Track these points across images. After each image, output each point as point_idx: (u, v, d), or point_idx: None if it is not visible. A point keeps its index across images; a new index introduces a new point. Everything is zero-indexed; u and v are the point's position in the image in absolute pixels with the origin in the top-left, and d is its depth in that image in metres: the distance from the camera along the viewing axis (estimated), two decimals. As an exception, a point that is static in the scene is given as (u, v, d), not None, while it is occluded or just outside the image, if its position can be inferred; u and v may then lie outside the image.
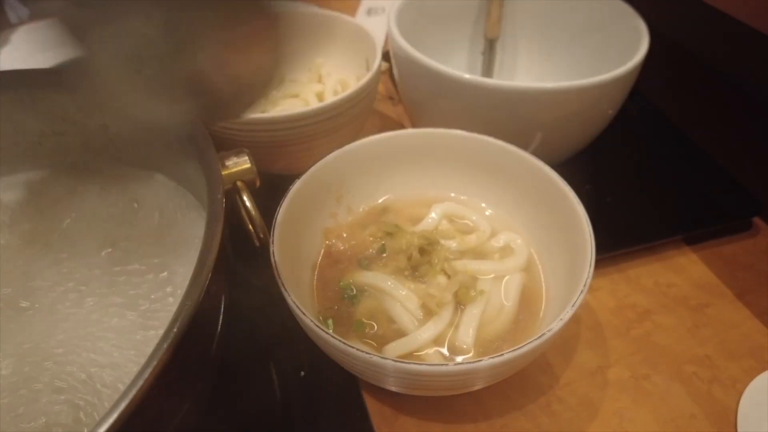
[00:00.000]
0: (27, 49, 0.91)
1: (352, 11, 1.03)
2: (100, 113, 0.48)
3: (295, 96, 0.65)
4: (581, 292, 0.35)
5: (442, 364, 0.32)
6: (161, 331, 0.29)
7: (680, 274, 0.56)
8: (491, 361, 0.32)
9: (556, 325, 0.33)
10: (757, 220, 0.61)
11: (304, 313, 0.35)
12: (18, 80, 0.47)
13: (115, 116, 0.48)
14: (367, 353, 0.33)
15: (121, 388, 0.30)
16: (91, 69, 0.30)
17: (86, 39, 0.29)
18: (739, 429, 0.43)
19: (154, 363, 0.28)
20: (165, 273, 0.44)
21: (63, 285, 0.43)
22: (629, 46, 0.58)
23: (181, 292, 0.41)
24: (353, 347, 0.33)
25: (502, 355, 0.32)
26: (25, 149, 0.50)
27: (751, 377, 0.46)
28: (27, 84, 0.47)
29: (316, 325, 0.34)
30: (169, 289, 0.43)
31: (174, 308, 0.36)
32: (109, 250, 0.46)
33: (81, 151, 0.51)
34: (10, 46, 0.78)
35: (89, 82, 0.32)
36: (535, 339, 0.33)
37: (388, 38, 0.63)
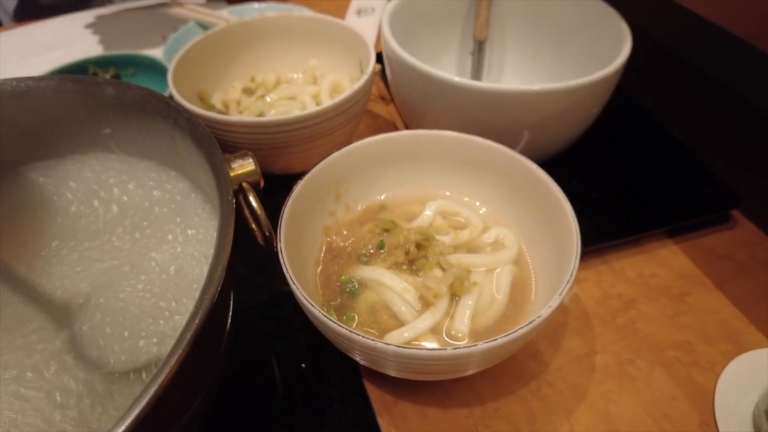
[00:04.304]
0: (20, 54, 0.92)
1: (342, 11, 1.05)
2: (105, 117, 0.50)
3: (292, 98, 0.67)
4: (568, 281, 0.38)
5: (441, 349, 0.35)
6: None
7: (662, 265, 0.58)
8: (485, 345, 0.35)
9: (545, 312, 0.36)
10: (735, 212, 0.64)
11: (312, 305, 0.37)
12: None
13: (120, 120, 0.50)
14: (372, 339, 0.35)
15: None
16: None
17: None
18: (716, 409, 0.46)
19: (179, 352, 0.30)
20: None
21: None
22: (613, 46, 0.61)
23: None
24: (358, 334, 0.36)
25: (495, 340, 0.35)
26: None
27: (728, 360, 0.49)
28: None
29: (324, 316, 0.37)
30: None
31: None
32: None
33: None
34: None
35: None
36: (526, 325, 0.35)
37: (380, 41, 0.65)
